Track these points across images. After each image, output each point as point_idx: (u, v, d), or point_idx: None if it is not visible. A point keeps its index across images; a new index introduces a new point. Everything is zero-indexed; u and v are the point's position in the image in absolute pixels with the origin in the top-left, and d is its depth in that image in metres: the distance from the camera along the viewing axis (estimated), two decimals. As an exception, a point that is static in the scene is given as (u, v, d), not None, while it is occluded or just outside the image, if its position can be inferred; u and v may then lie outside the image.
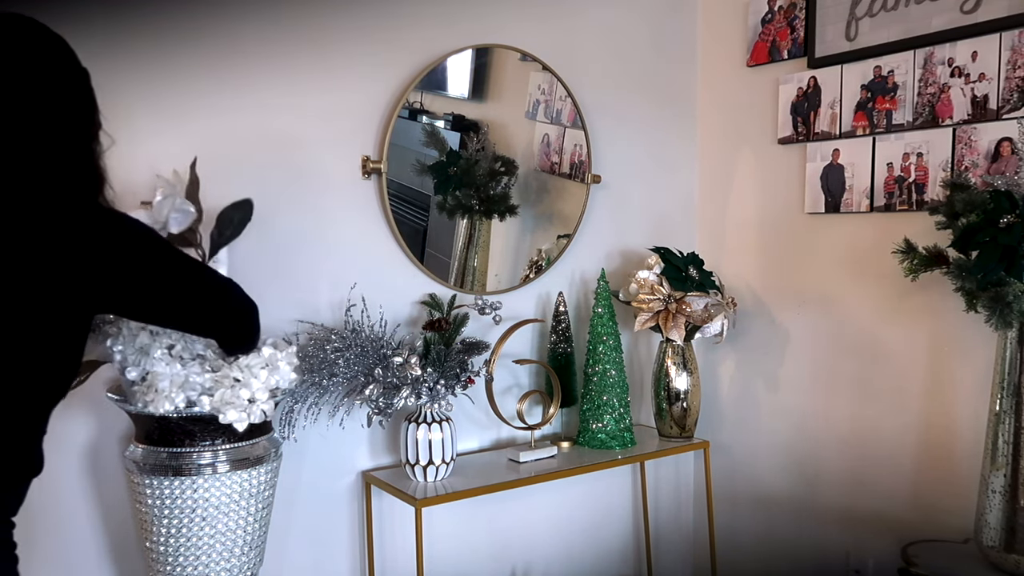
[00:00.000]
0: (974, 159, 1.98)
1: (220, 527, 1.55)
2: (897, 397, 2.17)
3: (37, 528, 1.64)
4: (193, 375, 1.49)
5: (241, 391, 1.49)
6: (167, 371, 1.47)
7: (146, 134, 1.70)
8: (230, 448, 1.56)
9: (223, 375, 1.50)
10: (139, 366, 1.47)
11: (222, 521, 1.55)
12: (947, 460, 2.07)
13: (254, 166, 1.84)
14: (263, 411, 1.51)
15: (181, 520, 1.53)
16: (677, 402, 2.35)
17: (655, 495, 2.62)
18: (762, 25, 2.43)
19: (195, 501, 1.53)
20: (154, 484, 1.53)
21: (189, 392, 1.48)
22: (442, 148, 2.09)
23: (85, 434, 1.71)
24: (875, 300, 2.20)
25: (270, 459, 1.63)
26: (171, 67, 1.74)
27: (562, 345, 2.28)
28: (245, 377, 1.50)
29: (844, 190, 2.24)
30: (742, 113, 2.51)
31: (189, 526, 1.53)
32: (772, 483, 2.49)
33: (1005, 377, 1.77)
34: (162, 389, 1.46)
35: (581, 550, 2.47)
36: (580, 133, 2.33)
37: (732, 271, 2.55)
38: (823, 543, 2.35)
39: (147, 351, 1.47)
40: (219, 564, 1.56)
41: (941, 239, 1.86)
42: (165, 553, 1.54)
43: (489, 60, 2.17)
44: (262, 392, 1.51)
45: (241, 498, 1.57)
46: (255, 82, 1.83)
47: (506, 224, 2.20)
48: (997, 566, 1.79)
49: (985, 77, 1.95)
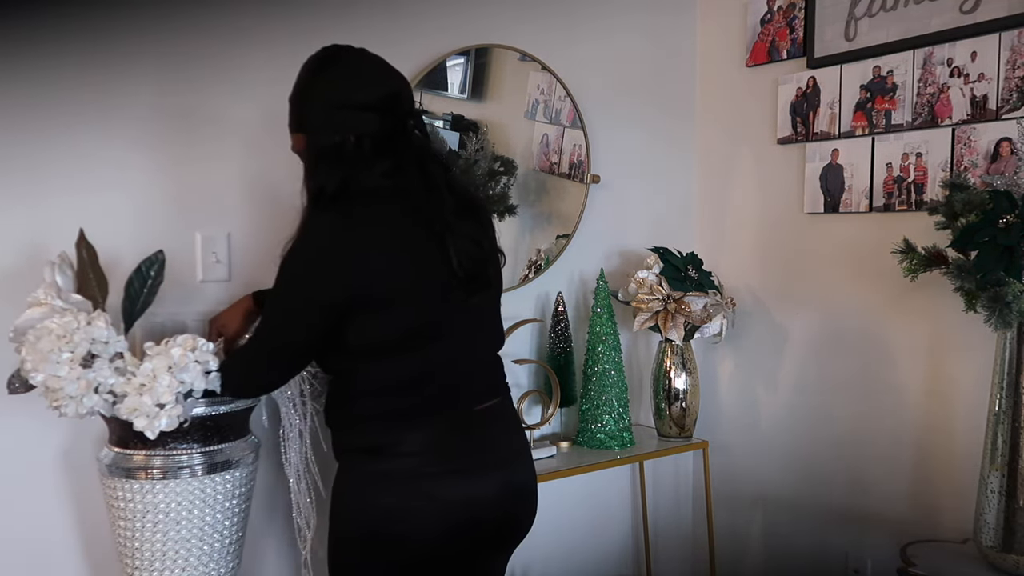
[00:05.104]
0: (973, 159, 1.98)
1: (196, 531, 1.53)
2: (896, 397, 2.17)
3: (12, 533, 1.64)
4: (103, 377, 1.40)
5: (145, 397, 1.39)
6: (70, 375, 1.37)
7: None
8: (205, 451, 1.52)
9: (128, 381, 1.41)
10: (40, 371, 1.38)
11: (197, 525, 1.53)
12: (946, 460, 2.07)
13: (254, 170, 1.84)
14: (174, 416, 1.41)
15: (156, 524, 1.50)
16: (676, 402, 2.35)
17: (654, 495, 2.62)
18: (761, 25, 2.43)
19: (168, 505, 1.50)
20: (126, 488, 1.50)
21: (104, 395, 1.40)
22: (441, 148, 2.08)
23: (60, 438, 1.68)
24: (874, 300, 2.20)
25: (246, 462, 1.60)
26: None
27: (561, 345, 2.28)
28: (149, 382, 1.40)
29: (843, 190, 2.23)
30: (741, 113, 2.51)
31: (164, 530, 1.51)
32: (771, 483, 2.49)
33: (1004, 377, 1.77)
34: (69, 393, 1.37)
35: (580, 550, 2.47)
36: (579, 133, 2.33)
37: (731, 271, 2.55)
38: (822, 543, 2.35)
39: (47, 357, 1.37)
40: (196, 569, 1.54)
41: (940, 239, 1.86)
42: (141, 558, 1.52)
43: (488, 60, 2.17)
44: (167, 396, 1.40)
45: (216, 501, 1.54)
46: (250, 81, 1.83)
47: (505, 224, 2.20)
48: (996, 566, 1.79)
49: (984, 77, 1.95)
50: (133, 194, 1.72)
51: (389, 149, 1.42)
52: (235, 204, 1.83)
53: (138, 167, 1.72)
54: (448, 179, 1.49)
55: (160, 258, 1.53)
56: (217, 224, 1.82)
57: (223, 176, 1.82)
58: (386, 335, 1.40)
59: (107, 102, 1.67)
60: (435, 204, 1.42)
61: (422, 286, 1.41)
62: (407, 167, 1.43)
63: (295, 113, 1.47)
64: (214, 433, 1.53)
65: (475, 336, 1.51)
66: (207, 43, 1.77)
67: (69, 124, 1.64)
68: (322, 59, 1.45)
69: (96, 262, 1.50)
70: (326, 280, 1.36)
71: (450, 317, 1.45)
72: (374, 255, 1.36)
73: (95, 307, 1.46)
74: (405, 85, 1.49)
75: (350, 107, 1.40)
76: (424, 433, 1.42)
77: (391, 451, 1.41)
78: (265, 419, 1.76)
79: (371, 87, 1.42)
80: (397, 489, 1.40)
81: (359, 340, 1.40)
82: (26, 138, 1.61)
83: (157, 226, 1.73)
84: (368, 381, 1.43)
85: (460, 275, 1.42)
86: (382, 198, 1.41)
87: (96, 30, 1.65)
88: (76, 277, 1.49)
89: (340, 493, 1.47)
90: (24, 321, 1.41)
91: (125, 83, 1.69)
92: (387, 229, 1.39)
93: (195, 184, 1.79)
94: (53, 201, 1.63)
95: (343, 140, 1.40)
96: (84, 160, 1.66)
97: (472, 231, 1.47)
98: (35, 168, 1.62)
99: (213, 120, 1.79)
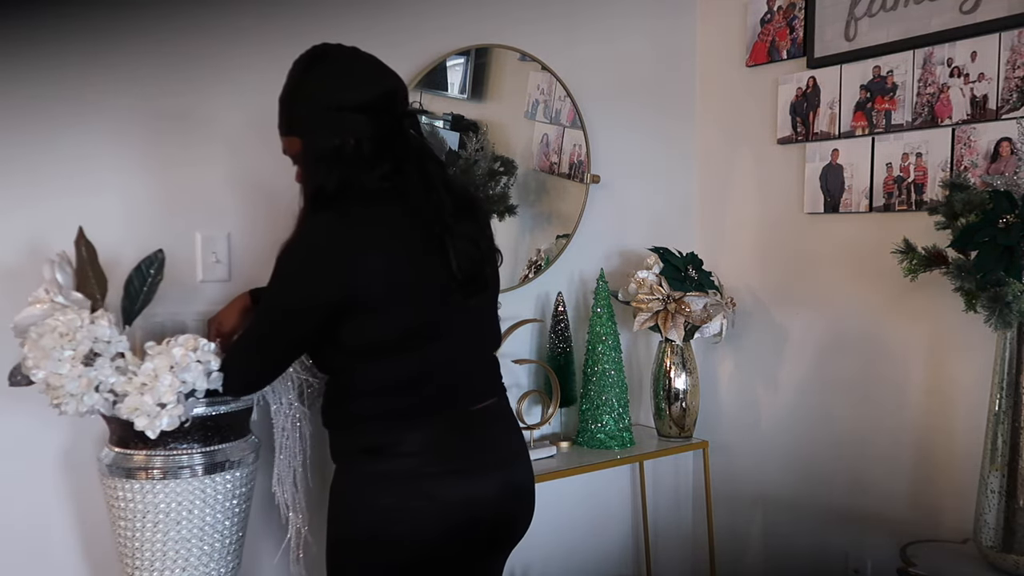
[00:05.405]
0: (973, 159, 1.98)
1: (196, 531, 1.52)
2: (896, 397, 2.17)
3: (13, 532, 1.64)
4: (104, 376, 1.40)
5: (146, 396, 1.39)
6: (71, 373, 1.38)
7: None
8: (205, 451, 1.52)
9: (129, 380, 1.41)
10: (41, 368, 1.38)
11: (197, 525, 1.53)
12: (946, 460, 2.07)
13: (253, 171, 1.84)
14: (175, 416, 1.41)
15: (156, 524, 1.50)
16: (676, 402, 2.35)
17: (654, 495, 2.62)
18: (761, 25, 2.43)
19: (169, 505, 1.50)
20: (127, 487, 1.50)
21: (105, 394, 1.40)
22: (441, 148, 2.08)
23: (60, 438, 1.68)
24: (874, 300, 2.20)
25: (246, 462, 1.60)
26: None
27: (561, 345, 2.28)
28: (151, 381, 1.40)
29: (843, 190, 2.24)
30: (741, 113, 2.51)
31: (165, 530, 1.50)
32: (771, 483, 2.49)
33: (1004, 377, 1.77)
34: (70, 391, 1.37)
35: (580, 550, 2.47)
36: (579, 133, 2.33)
37: (731, 271, 2.55)
38: (822, 543, 2.35)
39: (49, 354, 1.38)
40: (196, 569, 1.54)
41: (940, 239, 1.86)
42: (141, 558, 1.52)
43: (488, 60, 2.17)
44: (169, 395, 1.40)
45: (216, 501, 1.54)
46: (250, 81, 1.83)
47: (505, 224, 2.20)
48: (996, 566, 1.79)
49: (984, 77, 1.95)
50: (133, 194, 1.72)
51: (388, 150, 1.41)
52: (235, 204, 1.83)
53: (138, 167, 1.72)
54: (446, 179, 1.49)
55: (160, 257, 1.53)
56: (217, 224, 1.82)
57: (223, 176, 1.82)
58: (384, 335, 1.40)
59: (108, 102, 1.67)
60: (434, 205, 1.42)
61: (421, 287, 1.41)
62: (406, 168, 1.42)
63: (285, 115, 1.45)
64: (215, 433, 1.53)
65: (472, 336, 1.51)
66: (208, 43, 1.77)
67: (70, 124, 1.64)
68: (311, 58, 1.43)
69: (95, 260, 1.49)
70: (322, 278, 1.35)
71: (448, 318, 1.45)
72: (373, 256, 1.36)
73: (94, 305, 1.46)
74: (400, 84, 1.47)
75: (347, 108, 1.39)
76: (423, 433, 1.42)
77: (391, 451, 1.41)
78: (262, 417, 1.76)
79: (365, 86, 1.41)
80: (397, 490, 1.40)
81: (357, 340, 1.40)
82: (28, 138, 1.61)
83: (157, 226, 1.73)
84: (367, 381, 1.43)
85: (459, 277, 1.42)
86: (381, 199, 1.40)
87: (98, 30, 1.65)
88: (75, 275, 1.49)
89: (339, 494, 1.47)
90: (25, 317, 1.41)
91: (126, 83, 1.69)
92: (386, 230, 1.39)
93: (195, 184, 1.79)
94: (54, 200, 1.63)
95: (342, 143, 1.39)
96: (84, 160, 1.66)
97: (470, 231, 1.47)
98: (36, 168, 1.62)
99: (213, 120, 1.79)
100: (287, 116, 1.45)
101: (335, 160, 1.39)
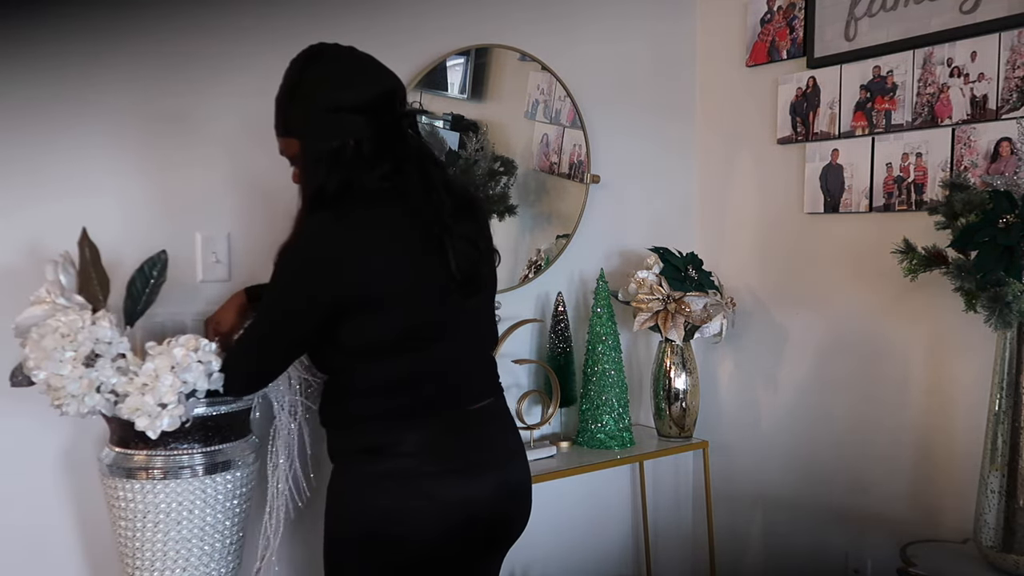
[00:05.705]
0: (973, 159, 1.98)
1: (196, 531, 1.52)
2: (896, 397, 2.17)
3: (13, 532, 1.64)
4: (105, 377, 1.40)
5: (147, 397, 1.39)
6: (72, 374, 1.37)
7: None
8: (205, 451, 1.52)
9: (130, 380, 1.41)
10: (43, 369, 1.38)
11: (198, 525, 1.53)
12: (946, 460, 2.07)
13: (253, 170, 1.84)
14: (176, 416, 1.41)
15: (156, 524, 1.50)
16: (676, 402, 2.35)
17: (654, 495, 2.62)
18: (761, 25, 2.43)
19: (169, 505, 1.50)
20: (127, 487, 1.50)
21: (106, 395, 1.40)
22: (441, 148, 2.08)
23: (60, 438, 1.68)
24: (874, 300, 2.21)
25: (246, 462, 1.60)
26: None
27: (561, 345, 2.28)
28: (151, 382, 1.40)
29: (843, 190, 2.24)
30: (741, 113, 2.51)
31: (165, 530, 1.50)
32: (771, 483, 2.49)
33: (1004, 377, 1.77)
34: (71, 391, 1.37)
35: (580, 550, 2.47)
36: (579, 133, 2.33)
37: (731, 271, 2.55)
38: (822, 543, 2.35)
39: (50, 355, 1.37)
40: (197, 569, 1.54)
41: (940, 239, 1.86)
42: (141, 558, 1.52)
43: (488, 60, 2.17)
44: (170, 396, 1.40)
45: (216, 501, 1.54)
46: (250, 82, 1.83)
47: (505, 224, 2.20)
48: (996, 566, 1.79)
49: (984, 77, 1.95)
50: (133, 194, 1.72)
51: (388, 151, 1.41)
52: (235, 204, 1.83)
53: (138, 167, 1.72)
54: (446, 179, 1.49)
55: (163, 258, 1.53)
56: (217, 224, 1.82)
57: (223, 176, 1.82)
58: (384, 335, 1.40)
59: (109, 102, 1.67)
60: (434, 206, 1.42)
61: (421, 288, 1.41)
62: (406, 168, 1.42)
63: (282, 115, 1.45)
64: (215, 433, 1.53)
65: (470, 336, 1.51)
66: (208, 44, 1.77)
67: (70, 124, 1.64)
68: (307, 58, 1.43)
69: (98, 261, 1.49)
70: (322, 279, 1.35)
71: (447, 318, 1.45)
72: (373, 256, 1.36)
73: (96, 306, 1.46)
74: (399, 84, 1.47)
75: (345, 109, 1.38)
76: (422, 433, 1.43)
77: (391, 451, 1.41)
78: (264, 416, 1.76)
79: (363, 87, 1.41)
80: (396, 490, 1.40)
81: (357, 340, 1.40)
82: (28, 138, 1.61)
83: (157, 226, 1.73)
84: (366, 380, 1.43)
85: (458, 278, 1.42)
86: (381, 200, 1.40)
87: (98, 30, 1.65)
88: (78, 276, 1.49)
89: (338, 494, 1.47)
90: (26, 318, 1.41)
91: (126, 83, 1.69)
92: (386, 231, 1.39)
93: (195, 184, 1.79)
94: (54, 200, 1.63)
95: (342, 145, 1.38)
96: (85, 160, 1.66)
97: (469, 232, 1.47)
98: (36, 169, 1.62)
99: (213, 120, 1.79)
100: (284, 117, 1.45)
101: (335, 161, 1.39)
